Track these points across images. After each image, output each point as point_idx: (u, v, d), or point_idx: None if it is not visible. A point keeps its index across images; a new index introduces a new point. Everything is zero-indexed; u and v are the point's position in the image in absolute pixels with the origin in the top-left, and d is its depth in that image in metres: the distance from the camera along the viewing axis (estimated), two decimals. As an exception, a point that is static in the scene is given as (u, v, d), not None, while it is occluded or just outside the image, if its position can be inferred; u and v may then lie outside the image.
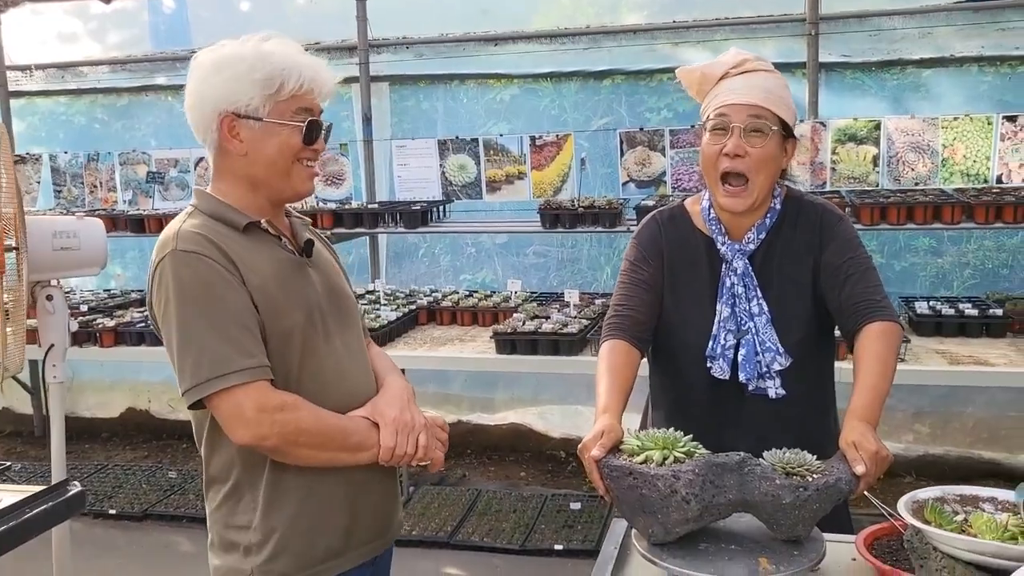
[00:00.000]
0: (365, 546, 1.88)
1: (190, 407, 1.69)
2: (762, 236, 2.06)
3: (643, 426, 2.27)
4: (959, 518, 1.55)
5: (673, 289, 2.13)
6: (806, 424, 2.03)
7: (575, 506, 4.54)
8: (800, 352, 2.05)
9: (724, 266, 2.08)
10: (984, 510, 1.59)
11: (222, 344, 1.64)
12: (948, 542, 1.46)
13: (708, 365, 2.07)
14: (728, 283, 2.07)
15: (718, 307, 2.07)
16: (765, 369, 2.04)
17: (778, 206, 2.08)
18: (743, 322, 2.05)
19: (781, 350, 2.03)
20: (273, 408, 1.65)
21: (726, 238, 2.08)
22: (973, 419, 4.83)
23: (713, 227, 2.09)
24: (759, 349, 2.04)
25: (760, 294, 2.05)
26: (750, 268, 2.06)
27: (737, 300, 2.06)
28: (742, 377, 2.04)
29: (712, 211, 2.10)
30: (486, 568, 4.10)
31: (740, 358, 2.05)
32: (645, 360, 2.20)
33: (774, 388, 2.04)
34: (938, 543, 1.48)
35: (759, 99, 1.96)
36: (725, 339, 2.06)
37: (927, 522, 1.54)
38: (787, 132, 2.01)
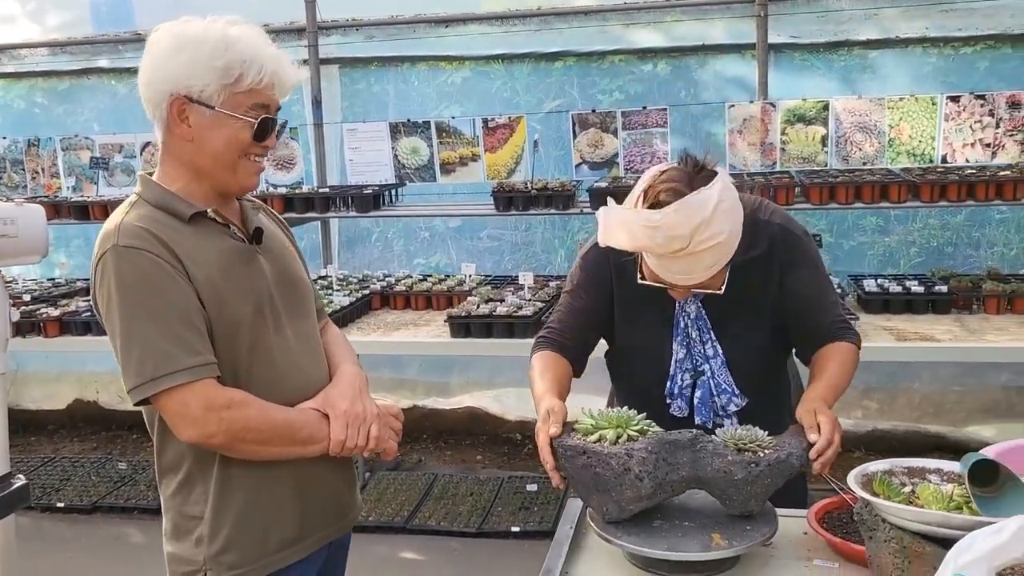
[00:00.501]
0: (319, 533, 1.86)
1: (136, 404, 1.67)
2: None
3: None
4: (907, 490, 1.58)
5: (625, 317, 2.08)
6: None
7: (532, 488, 4.55)
8: (757, 386, 2.03)
9: (677, 305, 2.02)
10: (931, 481, 1.62)
11: (166, 342, 1.61)
12: (896, 513, 1.48)
13: (668, 402, 2.04)
14: (682, 324, 2.02)
15: (674, 347, 2.03)
16: (721, 410, 2.03)
17: None
18: (699, 363, 2.02)
19: (736, 391, 2.01)
20: (220, 406, 1.63)
21: None
22: (920, 394, 4.93)
23: None
24: (715, 392, 2.02)
25: (714, 336, 2.01)
26: (703, 311, 2.00)
27: (692, 343, 2.01)
28: (698, 419, 2.02)
29: None
30: (443, 552, 4.10)
31: (696, 400, 2.02)
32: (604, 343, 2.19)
33: (731, 427, 2.03)
34: (886, 514, 1.51)
35: (701, 279, 1.81)
36: (682, 379, 2.03)
37: (876, 494, 1.56)
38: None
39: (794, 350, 2.15)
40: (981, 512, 1.45)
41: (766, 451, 1.69)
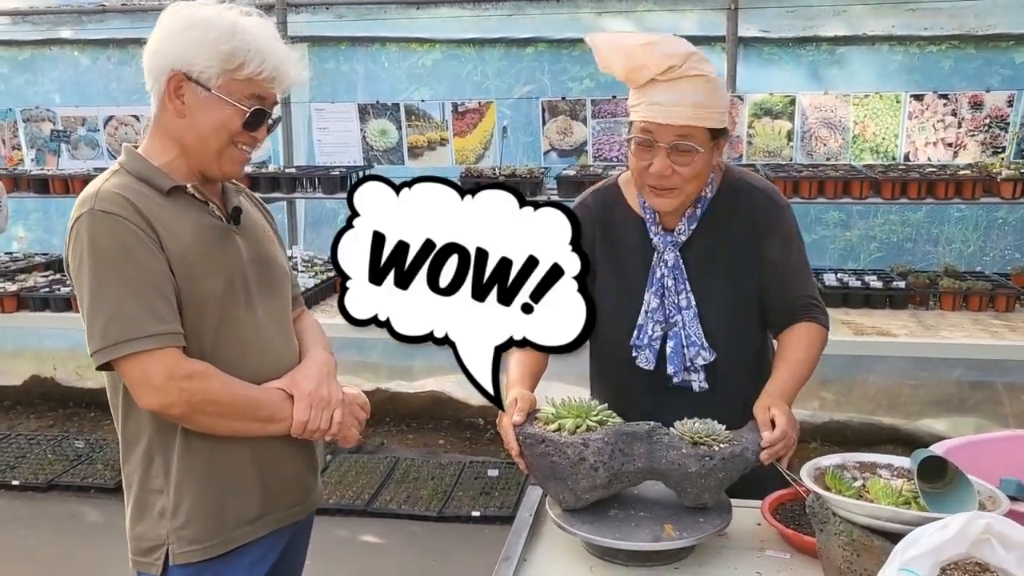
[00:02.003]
0: (280, 513, 1.87)
1: (98, 368, 1.67)
2: (693, 227, 2.01)
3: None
4: (858, 484, 1.61)
5: (603, 271, 2.08)
6: (732, 418, 1.88)
7: (493, 473, 4.58)
8: (728, 345, 2.03)
9: (656, 255, 2.03)
10: (881, 476, 1.65)
11: (134, 307, 1.62)
12: (846, 507, 1.52)
13: (633, 355, 2.04)
14: (658, 274, 2.02)
15: (646, 296, 2.03)
16: (690, 363, 2.02)
17: (710, 194, 2.02)
18: (671, 314, 2.01)
19: (705, 344, 2.00)
20: (182, 376, 1.64)
21: (659, 228, 2.03)
22: (875, 387, 5.02)
23: (647, 215, 2.04)
24: (685, 343, 2.01)
25: (689, 287, 2.01)
26: (680, 261, 2.01)
27: (667, 292, 2.01)
28: (669, 370, 2.02)
29: None
30: (404, 535, 4.11)
31: (668, 351, 2.01)
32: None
33: (698, 382, 2.03)
34: (837, 508, 1.54)
35: (687, 118, 1.82)
36: (652, 330, 2.02)
37: (827, 488, 1.59)
38: (718, 134, 1.90)
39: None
40: (929, 507, 1.48)
41: (721, 445, 1.72)
